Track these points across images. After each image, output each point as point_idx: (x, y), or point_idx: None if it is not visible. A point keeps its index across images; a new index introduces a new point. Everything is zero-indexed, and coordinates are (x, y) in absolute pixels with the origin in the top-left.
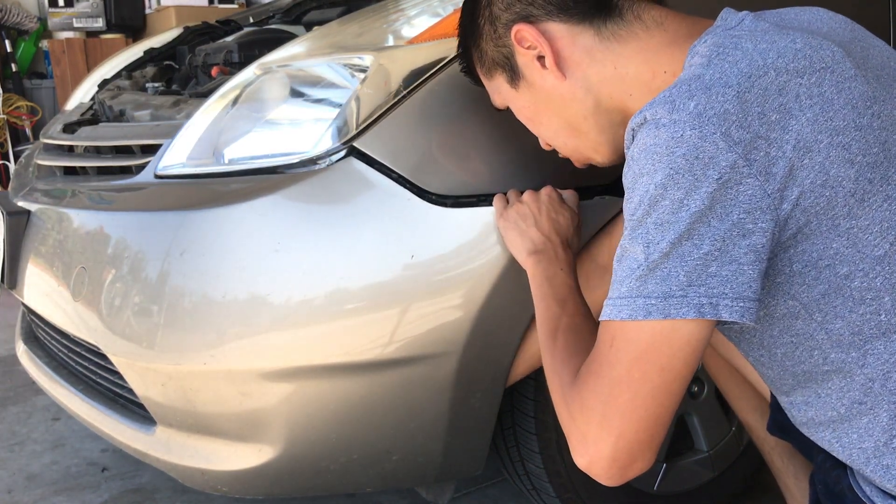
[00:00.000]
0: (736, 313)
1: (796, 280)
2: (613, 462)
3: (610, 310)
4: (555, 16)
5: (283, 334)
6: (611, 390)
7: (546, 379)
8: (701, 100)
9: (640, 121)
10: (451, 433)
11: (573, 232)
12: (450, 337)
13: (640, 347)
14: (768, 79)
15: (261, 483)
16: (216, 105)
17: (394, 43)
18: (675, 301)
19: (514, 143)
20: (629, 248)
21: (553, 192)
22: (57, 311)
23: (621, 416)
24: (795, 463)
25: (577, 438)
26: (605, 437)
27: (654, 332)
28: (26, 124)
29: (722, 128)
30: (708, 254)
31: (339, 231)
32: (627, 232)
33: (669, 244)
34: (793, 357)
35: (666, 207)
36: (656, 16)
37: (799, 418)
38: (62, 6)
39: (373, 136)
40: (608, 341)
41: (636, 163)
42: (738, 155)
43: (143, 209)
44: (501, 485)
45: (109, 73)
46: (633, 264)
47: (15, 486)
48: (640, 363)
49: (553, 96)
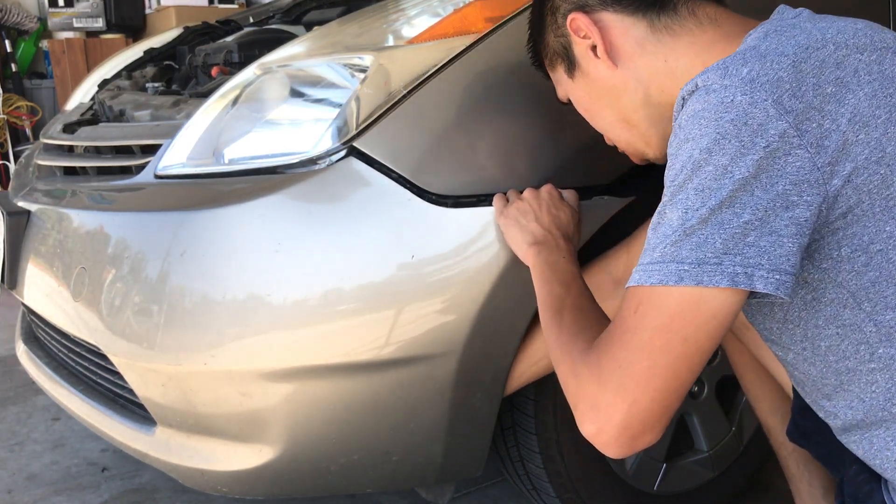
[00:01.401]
0: (771, 285)
1: (844, 266)
2: (624, 431)
3: (639, 275)
4: (609, 6)
5: (283, 334)
6: (630, 357)
7: (551, 355)
8: (755, 66)
9: (691, 88)
10: (452, 434)
11: (573, 228)
12: (450, 337)
13: (666, 315)
14: (826, 51)
15: (261, 483)
16: (216, 105)
17: (394, 43)
18: (710, 268)
19: (515, 143)
20: (666, 215)
21: (553, 190)
22: (57, 311)
23: (637, 384)
24: (811, 470)
25: (587, 405)
26: (618, 403)
27: (682, 300)
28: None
29: (774, 95)
30: (748, 223)
31: (340, 231)
32: (667, 198)
33: (709, 210)
34: (837, 351)
35: (709, 173)
36: (710, 13)
37: (840, 425)
38: (62, 6)
39: (373, 136)
40: (633, 307)
41: (682, 129)
42: (788, 124)
43: (144, 209)
44: (501, 485)
45: (109, 73)
46: (667, 230)
47: (15, 486)
48: (664, 331)
49: (606, 87)
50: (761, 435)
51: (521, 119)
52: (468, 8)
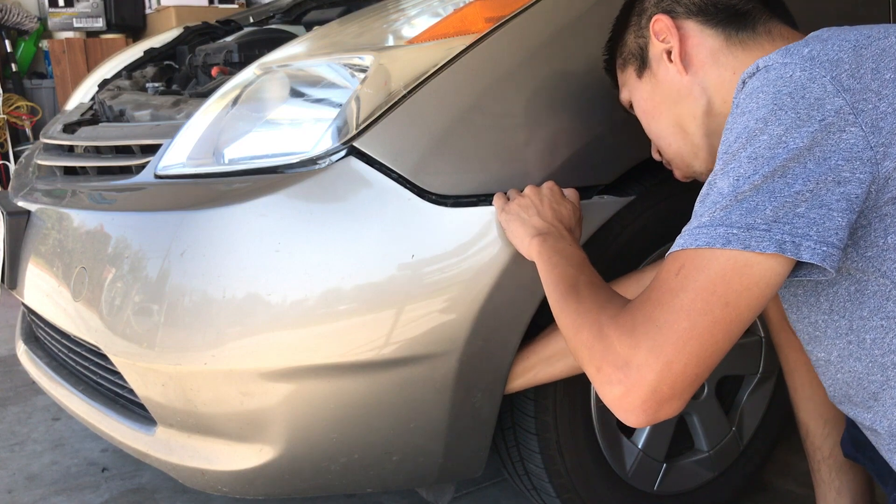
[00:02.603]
0: (818, 256)
1: (889, 255)
2: (653, 394)
3: (684, 239)
4: (694, 15)
5: (283, 334)
6: (669, 318)
7: (566, 326)
8: (816, 47)
9: (752, 70)
10: (452, 433)
11: (575, 223)
12: (450, 336)
13: (709, 277)
14: (888, 42)
15: (261, 483)
16: (216, 105)
17: (394, 43)
18: (758, 234)
19: (515, 143)
20: (716, 184)
21: (555, 186)
22: (57, 311)
23: (674, 345)
24: (844, 480)
25: (615, 366)
26: (652, 363)
27: (728, 263)
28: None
29: (832, 73)
30: (799, 193)
31: (340, 231)
32: (718, 167)
33: (762, 178)
34: (882, 344)
35: (763, 142)
36: (785, 33)
37: (887, 428)
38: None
39: (373, 136)
40: (675, 270)
41: (739, 106)
42: (845, 101)
43: (144, 209)
44: (501, 485)
45: (109, 73)
46: (717, 197)
47: (15, 486)
48: (707, 293)
49: (671, 91)
50: (761, 435)
51: (521, 119)
52: (468, 8)
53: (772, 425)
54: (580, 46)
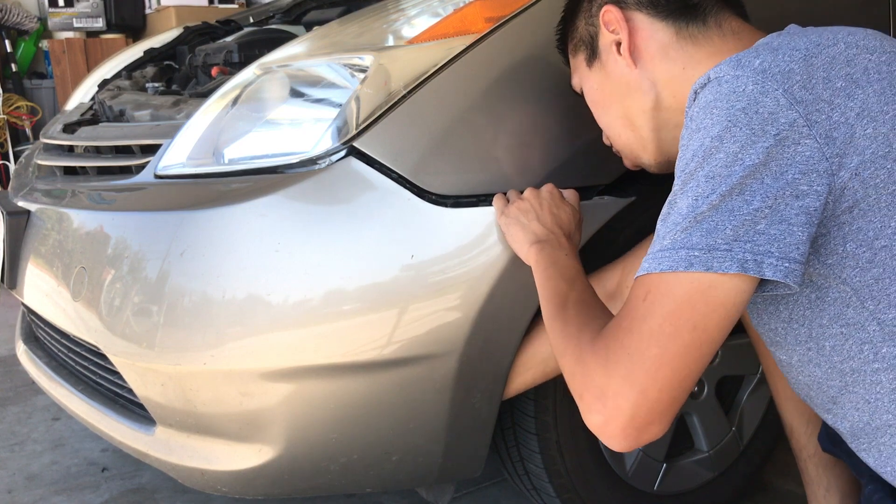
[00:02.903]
0: (780, 273)
1: (849, 262)
2: (631, 421)
3: (649, 263)
4: (644, 8)
5: (283, 334)
6: (639, 345)
7: (554, 348)
8: (767, 58)
9: (703, 81)
10: (451, 434)
11: (575, 228)
12: (450, 337)
13: (675, 301)
14: (837, 49)
15: (261, 483)
16: (216, 105)
17: (394, 43)
18: (720, 254)
19: (515, 143)
20: (677, 204)
21: (554, 189)
22: (57, 311)
23: (646, 372)
24: (830, 476)
25: (593, 395)
26: (627, 392)
27: (692, 286)
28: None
29: (785, 85)
30: (758, 210)
31: (340, 231)
32: (677, 187)
33: (719, 197)
34: (842, 351)
35: (720, 160)
36: (735, 26)
37: (848, 429)
38: (62, 6)
39: (373, 136)
40: (642, 295)
41: (694, 120)
42: (798, 114)
43: (143, 209)
44: (501, 485)
45: (109, 73)
46: (677, 218)
47: (15, 486)
48: (674, 318)
49: (620, 83)
50: (761, 435)
51: (521, 119)
52: (468, 8)
53: (772, 425)
54: None
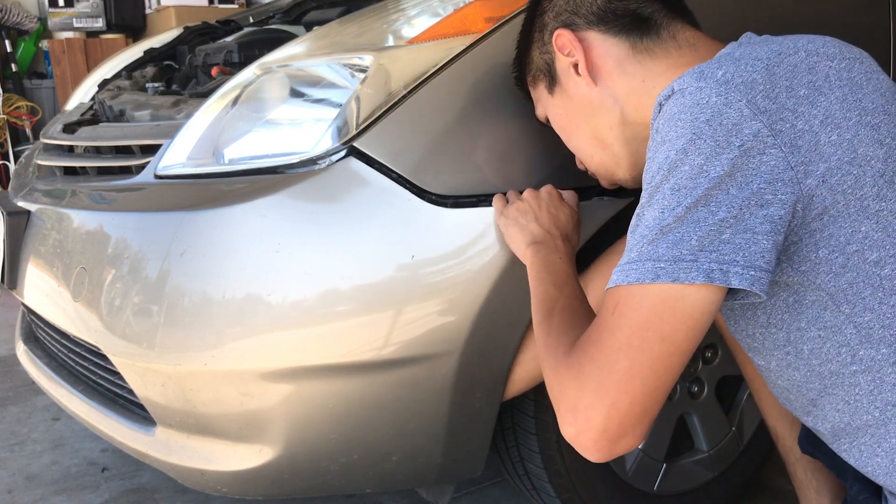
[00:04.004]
0: (746, 281)
1: (822, 268)
2: (603, 433)
3: (617, 276)
4: (594, 26)
5: (283, 335)
6: (608, 358)
7: (538, 356)
8: (729, 69)
9: (667, 93)
10: (451, 434)
11: (573, 229)
12: (449, 337)
13: (643, 314)
14: (798, 57)
15: (261, 483)
16: (216, 105)
17: (394, 43)
18: (685, 265)
19: (515, 144)
20: (644, 216)
21: (553, 190)
22: (57, 311)
23: (616, 385)
24: (819, 478)
25: (567, 408)
26: (597, 405)
27: (659, 298)
28: (26, 124)
29: (748, 96)
30: (723, 220)
31: (340, 231)
32: (644, 200)
33: (685, 209)
34: (820, 354)
35: (685, 173)
36: (689, 37)
37: (829, 430)
38: (62, 6)
39: (373, 136)
40: (611, 308)
41: (659, 132)
42: (762, 124)
43: (144, 209)
44: (501, 485)
45: (109, 73)
46: (644, 230)
47: (15, 486)
48: (642, 331)
49: (583, 103)
50: (761, 435)
51: (521, 119)
52: (468, 8)
53: None
54: None
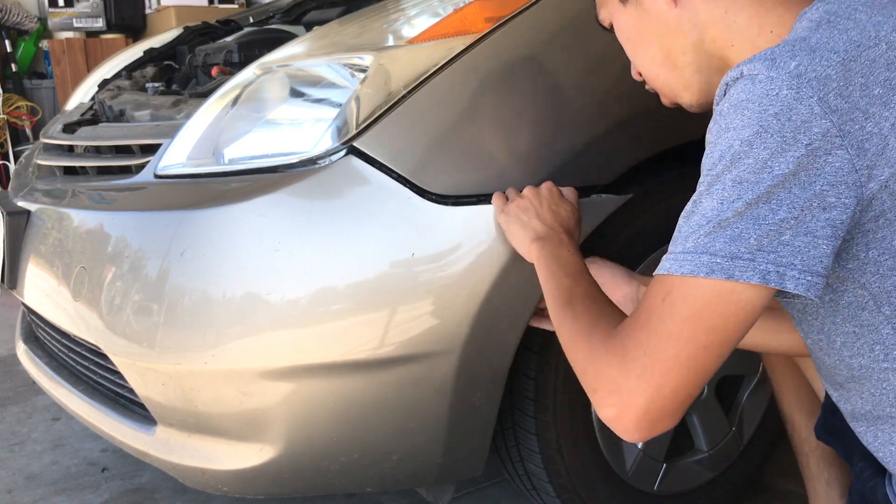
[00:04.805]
0: (802, 286)
1: (870, 268)
2: (645, 415)
3: (670, 264)
4: None
5: (283, 333)
6: (657, 344)
7: (564, 343)
8: (803, 60)
9: (735, 75)
10: (452, 433)
11: (574, 224)
12: (450, 335)
13: (695, 305)
14: (878, 51)
15: (261, 482)
16: (216, 105)
17: (394, 43)
18: (742, 263)
19: (515, 143)
20: (701, 204)
21: (553, 187)
22: (57, 310)
23: (663, 372)
24: (832, 470)
25: (608, 389)
26: (642, 388)
27: (712, 292)
28: (26, 124)
29: (820, 93)
30: (783, 221)
31: (340, 230)
32: (703, 187)
33: (745, 204)
34: (852, 348)
35: (748, 166)
36: None
37: (849, 411)
38: (62, 6)
39: (373, 136)
40: (661, 295)
41: (724, 117)
42: (832, 123)
43: (143, 209)
44: (501, 485)
45: (109, 73)
46: (701, 220)
47: (15, 486)
48: (692, 321)
49: (658, 23)
50: (761, 435)
51: (521, 119)
52: (468, 8)
53: (772, 425)
54: (580, 46)
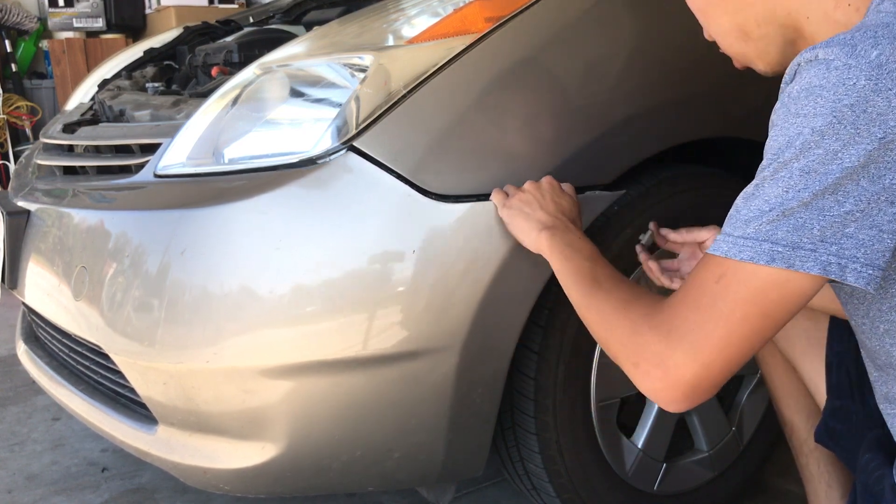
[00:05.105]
0: (863, 279)
1: None
2: (691, 388)
3: (728, 247)
4: None
5: (284, 331)
6: (707, 323)
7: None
8: (885, 50)
9: (810, 57)
10: (453, 430)
11: (577, 215)
12: (450, 331)
13: (749, 290)
14: None
15: (263, 481)
16: (216, 105)
17: (394, 43)
18: (803, 254)
19: (514, 143)
20: (764, 189)
21: (553, 181)
22: (58, 310)
23: (711, 349)
24: (832, 472)
25: (652, 363)
26: (689, 364)
27: (769, 279)
28: (26, 124)
29: None
30: (849, 213)
31: (340, 227)
32: (768, 171)
33: (812, 194)
34: (894, 336)
35: (818, 156)
36: None
37: (883, 394)
38: (62, 6)
39: (372, 135)
40: (714, 276)
41: (795, 102)
42: None
43: (143, 208)
44: (501, 485)
45: (109, 73)
46: (764, 206)
47: (15, 486)
48: (746, 305)
49: None
50: (761, 435)
51: (520, 119)
52: (468, 8)
53: (772, 425)
54: (580, 46)
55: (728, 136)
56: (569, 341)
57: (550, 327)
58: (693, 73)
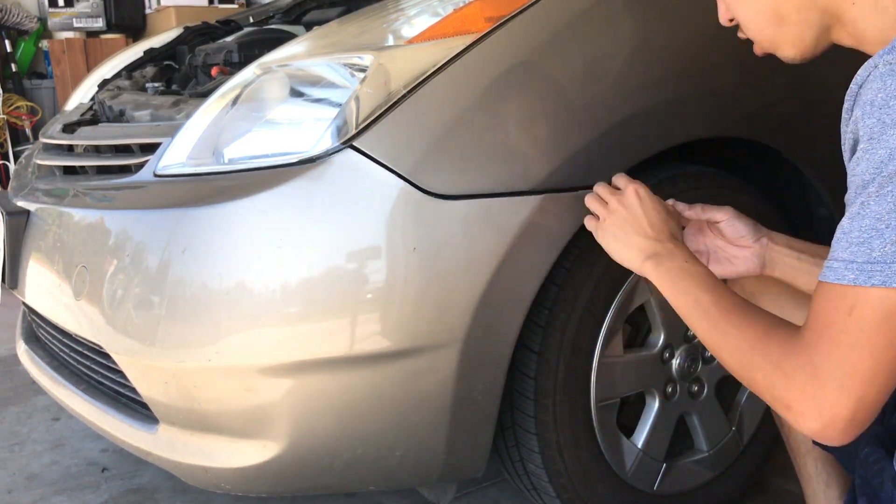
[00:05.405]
0: None
1: None
2: (851, 423)
3: (855, 275)
4: None
5: (285, 329)
6: (850, 357)
7: (735, 359)
8: None
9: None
10: (454, 428)
11: (675, 225)
12: (450, 328)
13: (884, 314)
14: None
15: (264, 480)
16: (216, 105)
17: (394, 43)
18: None
19: (514, 144)
20: (870, 206)
21: (641, 191)
22: (58, 310)
23: (862, 381)
24: (829, 471)
25: (805, 405)
26: (844, 401)
27: None
28: (26, 124)
29: None
30: None
31: (340, 225)
32: (872, 187)
33: None
34: None
35: None
36: None
37: None
38: (62, 6)
39: (372, 135)
40: (845, 308)
41: (887, 111)
42: None
43: (144, 207)
44: (501, 485)
45: (109, 73)
46: (878, 224)
47: (15, 486)
48: (885, 330)
49: None
50: (761, 435)
51: (520, 119)
52: (468, 8)
53: (772, 425)
54: (580, 46)
55: (728, 136)
56: (569, 341)
57: (550, 327)
58: (693, 73)
